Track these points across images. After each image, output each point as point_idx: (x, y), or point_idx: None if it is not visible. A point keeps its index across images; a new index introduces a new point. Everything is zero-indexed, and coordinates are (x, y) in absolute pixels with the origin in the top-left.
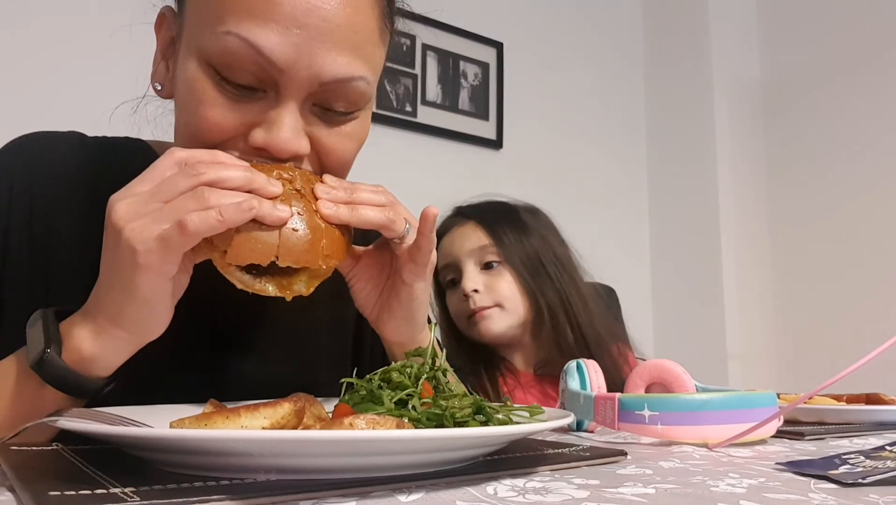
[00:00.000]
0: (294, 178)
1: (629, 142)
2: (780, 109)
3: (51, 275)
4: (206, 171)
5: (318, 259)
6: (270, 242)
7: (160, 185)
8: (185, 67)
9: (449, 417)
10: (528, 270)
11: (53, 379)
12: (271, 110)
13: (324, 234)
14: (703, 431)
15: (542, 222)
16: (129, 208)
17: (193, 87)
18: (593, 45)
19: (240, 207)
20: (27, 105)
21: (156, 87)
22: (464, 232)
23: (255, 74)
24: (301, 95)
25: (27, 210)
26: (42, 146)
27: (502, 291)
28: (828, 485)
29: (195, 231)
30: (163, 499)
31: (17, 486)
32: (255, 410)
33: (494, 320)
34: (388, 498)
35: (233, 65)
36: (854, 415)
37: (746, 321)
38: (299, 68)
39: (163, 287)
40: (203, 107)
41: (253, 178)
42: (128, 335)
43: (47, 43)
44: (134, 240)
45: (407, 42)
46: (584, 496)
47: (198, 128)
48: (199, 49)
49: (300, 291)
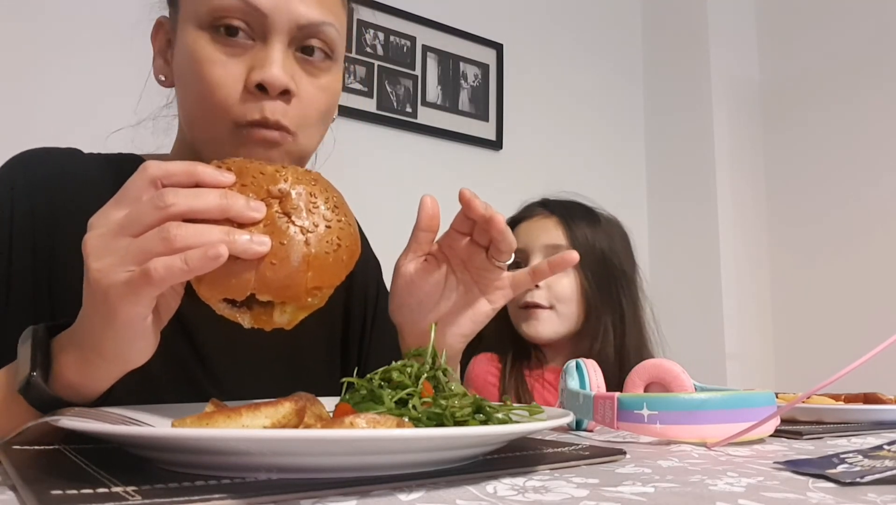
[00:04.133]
0: (286, 194)
1: (628, 143)
2: (778, 111)
3: (54, 288)
4: (175, 202)
5: (300, 295)
6: (246, 277)
7: (129, 214)
8: (184, 39)
9: (449, 416)
10: (593, 281)
11: (39, 404)
12: (261, 53)
13: (309, 266)
14: (702, 431)
15: (619, 236)
16: (99, 242)
17: (195, 52)
18: (593, 46)
19: (206, 256)
20: (26, 116)
21: (159, 78)
22: (544, 225)
23: (245, 22)
24: (284, 39)
25: (30, 224)
26: (43, 162)
27: (563, 292)
28: (826, 484)
29: (160, 280)
30: (164, 498)
31: (18, 485)
32: (256, 409)
33: (545, 324)
34: (388, 497)
35: (225, 18)
36: (852, 414)
37: (745, 321)
38: (280, 13)
39: (139, 323)
40: (205, 66)
41: (229, 205)
42: (110, 364)
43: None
44: (101, 282)
45: (407, 43)
46: (584, 495)
47: (205, 88)
48: (195, 17)
49: (281, 323)
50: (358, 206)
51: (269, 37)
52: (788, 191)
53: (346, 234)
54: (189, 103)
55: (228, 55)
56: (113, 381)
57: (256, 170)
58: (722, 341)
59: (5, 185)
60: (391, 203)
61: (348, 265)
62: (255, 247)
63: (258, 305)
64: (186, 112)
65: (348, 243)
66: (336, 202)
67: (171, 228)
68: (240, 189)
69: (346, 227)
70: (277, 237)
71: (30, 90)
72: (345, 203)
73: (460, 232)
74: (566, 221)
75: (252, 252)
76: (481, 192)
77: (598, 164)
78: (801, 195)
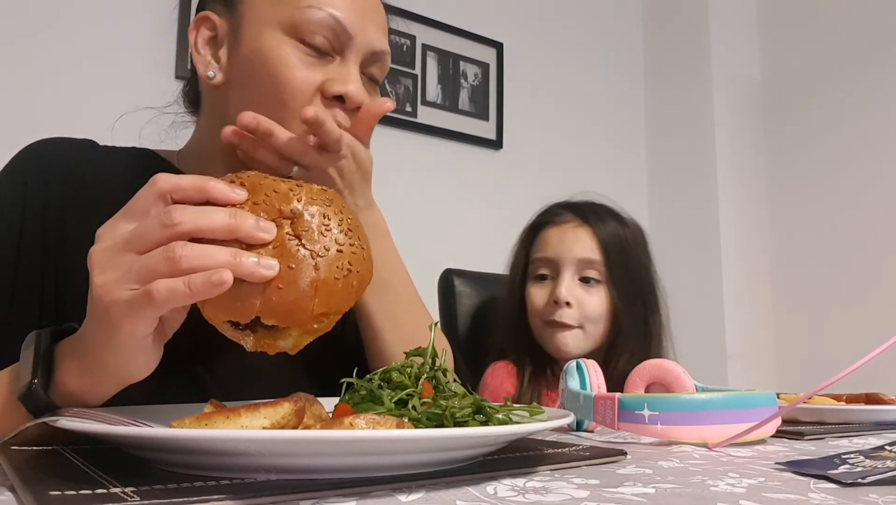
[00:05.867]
0: (298, 214)
1: (629, 142)
2: (780, 110)
3: (62, 280)
4: (182, 220)
5: (307, 320)
6: (251, 301)
7: (136, 230)
8: (262, 41)
9: (449, 416)
10: (624, 300)
11: (38, 413)
12: (342, 69)
13: (317, 292)
14: (703, 431)
15: (645, 250)
16: (104, 256)
17: (276, 54)
18: (593, 46)
19: (209, 281)
20: (32, 109)
21: (209, 75)
22: (577, 235)
23: (329, 40)
24: (359, 60)
25: (40, 214)
26: (58, 153)
27: (592, 310)
28: (827, 485)
29: (163, 303)
30: (163, 499)
31: (17, 486)
32: (255, 409)
33: (571, 342)
34: (388, 498)
35: (314, 31)
36: (854, 415)
37: (746, 321)
38: (361, 36)
39: (140, 340)
40: (287, 69)
41: (238, 225)
42: (111, 377)
43: (51, 49)
44: (104, 298)
45: (407, 42)
46: (584, 496)
47: (281, 90)
48: (280, 22)
49: (285, 348)
50: None
51: (348, 55)
52: (790, 191)
53: (358, 258)
54: (257, 103)
55: (310, 65)
56: (114, 392)
57: (270, 187)
58: (723, 341)
59: (19, 177)
60: (391, 203)
61: (358, 291)
62: (261, 270)
63: (262, 328)
64: (254, 108)
65: (359, 269)
66: (350, 224)
67: (177, 249)
68: (251, 207)
69: (358, 251)
70: (286, 260)
71: (32, 85)
72: (359, 226)
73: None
74: (601, 235)
75: (259, 276)
76: (481, 192)
77: (598, 163)
78: (802, 195)
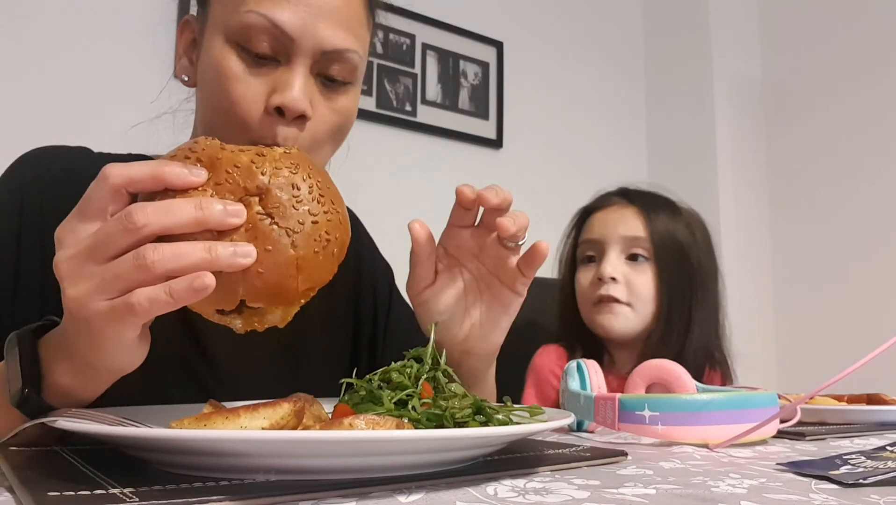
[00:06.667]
0: (265, 189)
1: (629, 142)
2: (781, 110)
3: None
4: (146, 222)
5: (293, 299)
6: (234, 290)
7: (98, 236)
8: (211, 48)
9: (449, 417)
10: (672, 277)
11: (35, 415)
12: (284, 75)
13: (299, 270)
14: (704, 432)
15: (700, 231)
16: (71, 266)
17: (220, 64)
18: (593, 45)
19: (192, 287)
20: (32, 110)
21: (182, 78)
22: (623, 215)
23: (271, 44)
24: (307, 63)
25: (38, 219)
26: (53, 159)
27: (639, 288)
28: (828, 485)
29: (145, 312)
30: (162, 499)
31: (16, 486)
32: (254, 410)
33: (620, 318)
34: (387, 498)
35: (253, 37)
36: (855, 415)
37: (747, 321)
38: (306, 38)
39: (127, 342)
40: (229, 81)
41: (205, 217)
42: (103, 374)
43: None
44: (80, 312)
45: (407, 41)
46: (585, 497)
47: (226, 102)
48: (225, 28)
49: (274, 322)
50: (357, 205)
51: (293, 60)
52: (791, 190)
53: (334, 224)
54: (209, 112)
55: (252, 74)
56: (108, 385)
57: (230, 161)
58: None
59: (15, 181)
60: (391, 203)
61: (339, 257)
62: (239, 260)
63: (249, 309)
64: (206, 119)
65: (338, 235)
66: (321, 188)
67: (148, 254)
68: (214, 188)
69: (333, 216)
70: (262, 242)
71: (42, 88)
72: (330, 186)
73: (461, 227)
74: (647, 213)
75: (237, 266)
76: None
77: (599, 163)
78: (803, 194)
